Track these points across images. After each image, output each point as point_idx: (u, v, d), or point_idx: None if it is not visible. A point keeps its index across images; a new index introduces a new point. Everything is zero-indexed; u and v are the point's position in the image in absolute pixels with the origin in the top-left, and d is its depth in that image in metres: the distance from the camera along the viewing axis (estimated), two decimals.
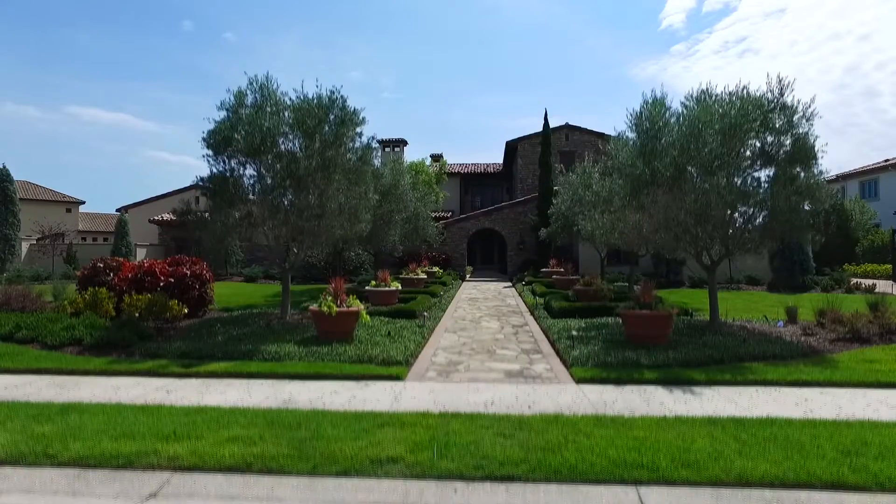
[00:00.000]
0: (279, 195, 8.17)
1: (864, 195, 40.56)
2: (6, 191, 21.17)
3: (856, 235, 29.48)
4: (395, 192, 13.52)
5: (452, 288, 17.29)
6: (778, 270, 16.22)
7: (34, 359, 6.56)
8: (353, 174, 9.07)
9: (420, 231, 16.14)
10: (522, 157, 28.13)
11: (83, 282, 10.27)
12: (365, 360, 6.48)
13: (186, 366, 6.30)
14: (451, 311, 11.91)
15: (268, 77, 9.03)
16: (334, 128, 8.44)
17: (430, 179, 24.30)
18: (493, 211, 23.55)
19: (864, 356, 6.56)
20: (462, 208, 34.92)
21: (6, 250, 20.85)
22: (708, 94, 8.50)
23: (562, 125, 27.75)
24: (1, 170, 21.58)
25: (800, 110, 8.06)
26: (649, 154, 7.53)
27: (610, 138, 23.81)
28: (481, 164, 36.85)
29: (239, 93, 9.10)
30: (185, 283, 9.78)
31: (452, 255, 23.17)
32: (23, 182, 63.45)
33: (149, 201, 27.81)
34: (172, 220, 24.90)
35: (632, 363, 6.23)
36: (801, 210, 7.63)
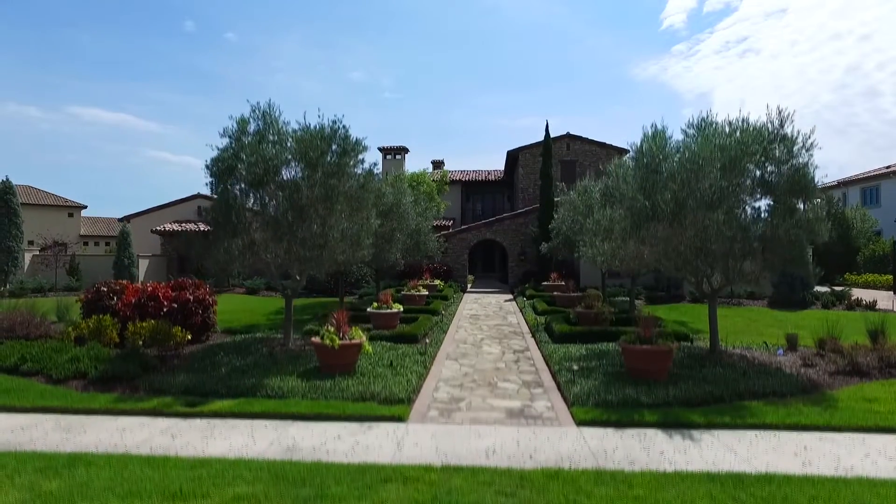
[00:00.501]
0: (282, 225, 8.22)
1: (865, 202, 40.59)
2: (9, 203, 21.25)
3: (857, 244, 29.51)
4: (397, 211, 13.59)
5: (454, 303, 17.34)
6: (779, 286, 16.25)
7: (40, 395, 6.62)
8: (356, 201, 9.14)
9: (422, 246, 16.20)
10: (524, 167, 28.18)
11: (87, 305, 10.33)
12: (367, 397, 6.54)
13: (191, 404, 6.35)
14: (452, 331, 11.96)
15: (270, 105, 9.11)
16: (336, 158, 8.49)
17: (431, 190, 24.37)
18: (494, 222, 23.60)
19: (863, 393, 6.60)
20: (463, 216, 35.00)
21: (9, 262, 20.93)
22: (708, 122, 8.57)
23: (563, 135, 27.80)
24: (4, 182, 21.68)
25: (799, 141, 8.14)
26: (650, 189, 7.58)
27: (610, 148, 23.82)
28: (482, 172, 36.90)
29: (242, 120, 9.17)
30: (188, 308, 9.84)
31: (454, 267, 23.22)
32: (24, 187, 63.70)
33: (151, 211, 27.91)
34: (174, 230, 25.02)
35: (632, 402, 6.28)
36: (801, 243, 7.68)
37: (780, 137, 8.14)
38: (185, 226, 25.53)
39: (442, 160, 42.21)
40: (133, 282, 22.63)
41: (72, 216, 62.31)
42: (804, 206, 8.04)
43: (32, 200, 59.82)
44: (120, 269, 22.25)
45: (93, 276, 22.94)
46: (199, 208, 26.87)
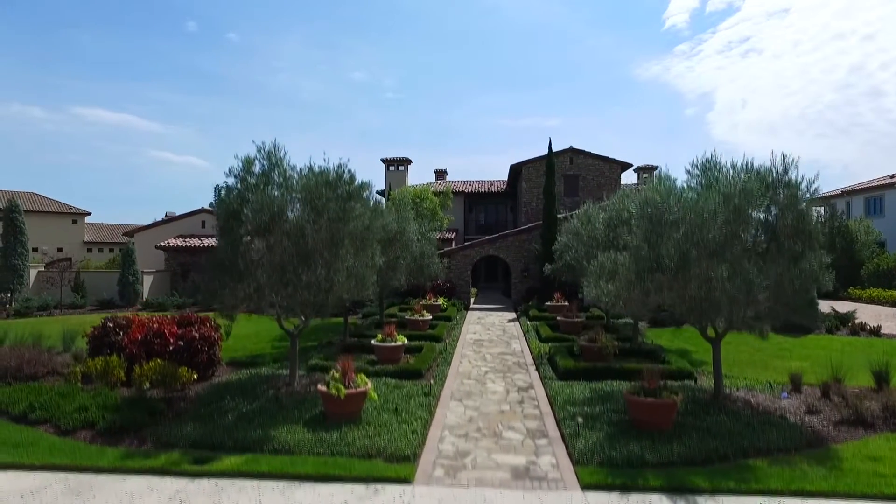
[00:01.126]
0: (288, 269, 8.26)
1: (869, 212, 40.53)
2: (15, 221, 21.38)
3: (861, 257, 29.43)
4: (400, 240, 13.63)
5: (457, 325, 17.38)
6: None
7: (48, 450, 6.68)
8: (360, 241, 9.20)
9: (425, 270, 16.24)
10: (527, 181, 28.21)
11: (93, 341, 10.41)
12: (373, 453, 6.58)
13: (199, 460, 6.40)
14: (455, 362, 12.00)
15: (275, 145, 9.20)
16: (342, 203, 8.55)
17: (434, 206, 24.42)
18: (497, 239, 23.63)
19: (868, 450, 6.61)
20: (466, 227, 35.08)
21: (15, 280, 21.06)
22: (713, 164, 8.62)
23: (566, 149, 27.83)
24: (10, 201, 21.81)
25: (803, 187, 8.17)
26: (654, 241, 7.61)
27: (613, 163, 23.73)
28: (485, 182, 36.97)
29: (247, 160, 9.24)
30: (194, 346, 9.90)
31: (457, 283, 23.25)
32: (29, 194, 64.16)
33: (155, 225, 28.03)
34: (179, 246, 25.11)
35: (637, 460, 6.31)
36: (806, 292, 7.69)
37: (783, 183, 8.18)
38: (190, 241, 25.63)
39: (445, 170, 42.34)
40: (137, 299, 22.76)
41: (76, 223, 62.73)
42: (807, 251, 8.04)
43: (37, 207, 60.24)
44: (124, 286, 22.37)
45: (97, 292, 23.08)
46: (202, 223, 26.98)
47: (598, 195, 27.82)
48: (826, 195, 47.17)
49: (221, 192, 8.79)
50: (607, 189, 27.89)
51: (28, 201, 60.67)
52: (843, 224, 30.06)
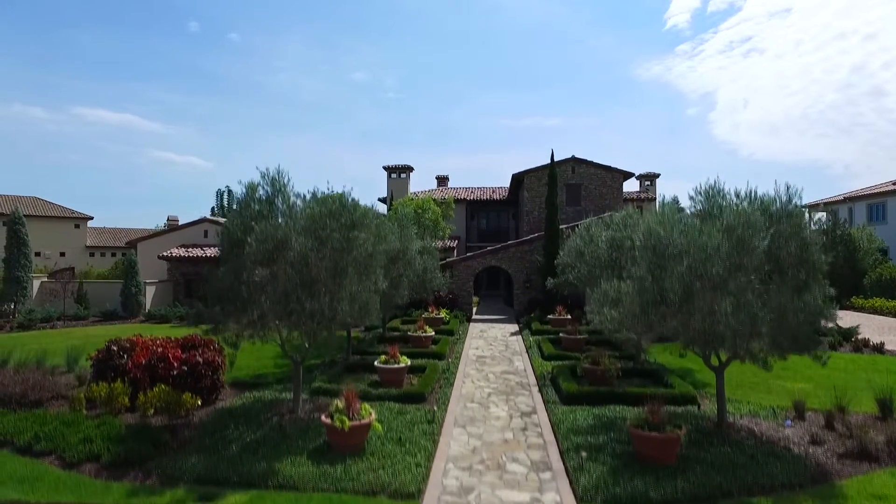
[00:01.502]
0: (291, 298, 8.28)
1: (871, 218, 40.47)
2: (18, 233, 21.43)
3: (863, 266, 29.38)
4: (403, 258, 13.65)
5: (459, 339, 17.39)
6: None
7: (54, 486, 6.70)
8: (364, 268, 9.21)
9: (428, 284, 16.26)
10: (529, 190, 28.22)
11: (98, 364, 10.42)
12: (378, 489, 6.59)
13: (204, 497, 6.42)
14: (458, 383, 12.00)
15: (279, 171, 9.23)
16: (345, 231, 8.57)
17: (436, 217, 24.44)
18: (499, 250, 23.63)
19: (873, 487, 6.60)
20: (468, 234, 35.09)
21: (19, 292, 21.11)
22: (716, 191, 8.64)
23: (568, 158, 27.84)
24: (13, 212, 21.88)
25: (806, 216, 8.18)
26: (658, 275, 7.61)
27: (615, 172, 23.59)
28: (487, 189, 36.99)
29: (251, 185, 9.29)
30: (198, 371, 9.92)
31: (459, 294, 23.26)
32: (31, 198, 64.25)
33: (157, 234, 28.07)
34: (181, 256, 25.16)
35: (641, 498, 6.31)
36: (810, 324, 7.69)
37: (787, 212, 8.19)
38: (192, 250, 25.67)
39: (446, 176, 42.36)
40: (140, 310, 22.80)
41: (78, 227, 62.82)
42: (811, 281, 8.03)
43: (39, 212, 60.33)
44: (127, 297, 22.41)
45: (100, 303, 23.13)
46: (205, 232, 27.01)
47: (601, 204, 27.87)
48: (828, 201, 47.06)
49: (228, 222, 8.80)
50: (610, 198, 27.93)
51: (30, 206, 60.83)
52: (845, 232, 29.99)
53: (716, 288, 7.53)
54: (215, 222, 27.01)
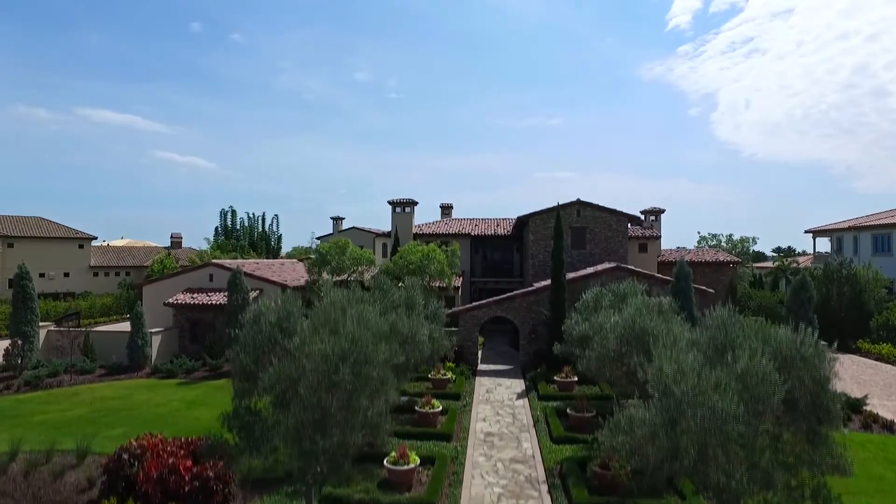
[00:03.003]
0: (304, 438, 8.28)
1: (876, 249, 40.40)
2: (25, 288, 21.49)
3: (870, 308, 29.25)
4: (412, 342, 13.66)
5: (467, 406, 17.38)
6: None
7: None
8: (376, 391, 9.22)
9: (436, 354, 16.26)
10: (533, 233, 28.22)
11: (109, 476, 10.42)
12: None
13: None
14: (467, 478, 12.00)
15: (288, 311, 9.27)
16: (358, 367, 8.58)
17: (442, 265, 24.44)
18: (504, 300, 23.61)
19: None
20: (472, 268, 35.11)
21: (25, 347, 21.16)
22: (729, 341, 8.65)
23: (573, 201, 27.85)
24: (20, 267, 21.94)
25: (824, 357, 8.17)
26: (671, 430, 7.59)
27: (620, 215, 23.42)
28: (491, 223, 37.06)
29: (256, 317, 9.32)
30: (209, 486, 9.92)
31: (465, 345, 23.25)
32: (36, 219, 64.53)
33: (163, 278, 28.09)
34: (187, 303, 25.19)
35: None
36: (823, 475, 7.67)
37: (801, 356, 8.18)
38: (198, 296, 25.70)
39: (450, 204, 42.46)
40: (146, 362, 22.82)
41: (82, 248, 63.16)
42: (826, 425, 8.00)
43: (43, 233, 60.69)
44: (133, 350, 22.46)
45: (106, 355, 23.17)
46: (210, 276, 27.04)
47: (607, 247, 27.86)
48: (833, 227, 46.92)
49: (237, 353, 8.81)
50: (615, 241, 27.91)
51: (34, 226, 61.06)
52: (851, 273, 29.82)
53: (730, 441, 7.50)
54: (220, 266, 27.04)
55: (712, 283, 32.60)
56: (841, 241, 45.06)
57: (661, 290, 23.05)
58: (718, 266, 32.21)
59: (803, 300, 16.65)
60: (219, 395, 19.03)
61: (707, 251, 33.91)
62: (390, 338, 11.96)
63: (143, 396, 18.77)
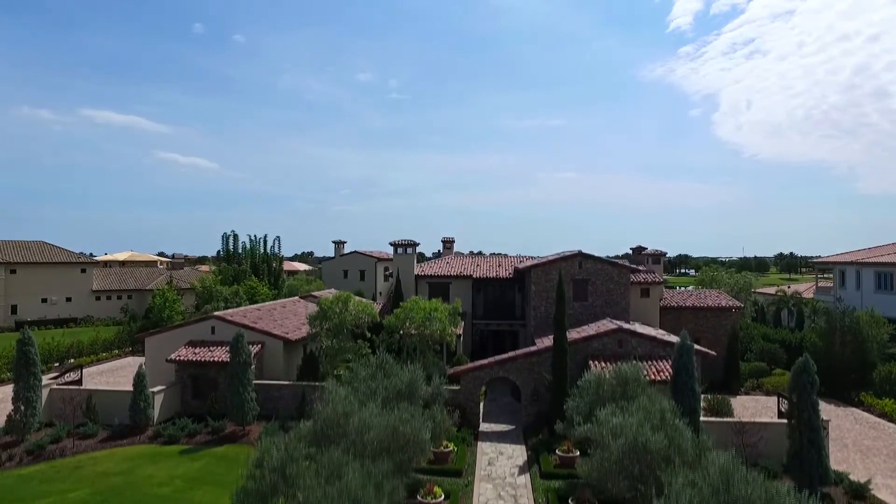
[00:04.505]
0: None
1: (879, 286, 40.36)
2: (28, 354, 21.51)
3: (872, 358, 29.14)
4: (414, 442, 13.70)
5: (468, 486, 17.36)
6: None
7: None
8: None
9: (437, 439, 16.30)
10: (535, 284, 28.22)
11: None
12: None
13: None
14: None
15: (292, 455, 9.28)
16: None
17: (444, 324, 24.46)
18: (507, 361, 23.61)
19: None
20: (474, 309, 35.16)
21: (28, 413, 21.19)
22: None
23: (575, 253, 27.87)
24: (23, 332, 21.97)
25: None
26: None
27: (622, 268, 23.25)
28: (493, 262, 37.12)
29: (265, 448, 9.34)
30: None
31: (466, 405, 23.25)
32: (39, 243, 64.83)
33: (165, 330, 28.12)
34: (189, 360, 25.24)
35: None
36: None
37: None
38: (200, 351, 25.74)
39: (452, 238, 42.50)
40: (148, 423, 22.83)
41: (84, 272, 63.50)
42: None
43: (46, 259, 61.00)
44: (136, 412, 22.50)
45: (109, 416, 23.19)
46: (213, 329, 27.08)
47: (608, 299, 27.86)
48: (837, 260, 46.80)
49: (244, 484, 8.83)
50: (617, 293, 27.90)
51: (37, 252, 61.26)
52: (853, 321, 29.67)
53: None
54: (222, 319, 27.08)
55: (714, 328, 32.55)
56: (844, 275, 44.96)
57: (662, 351, 23.07)
58: (720, 311, 32.17)
59: (805, 383, 16.59)
60: (221, 469, 19.06)
61: (709, 295, 33.88)
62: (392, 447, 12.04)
63: (145, 471, 18.78)
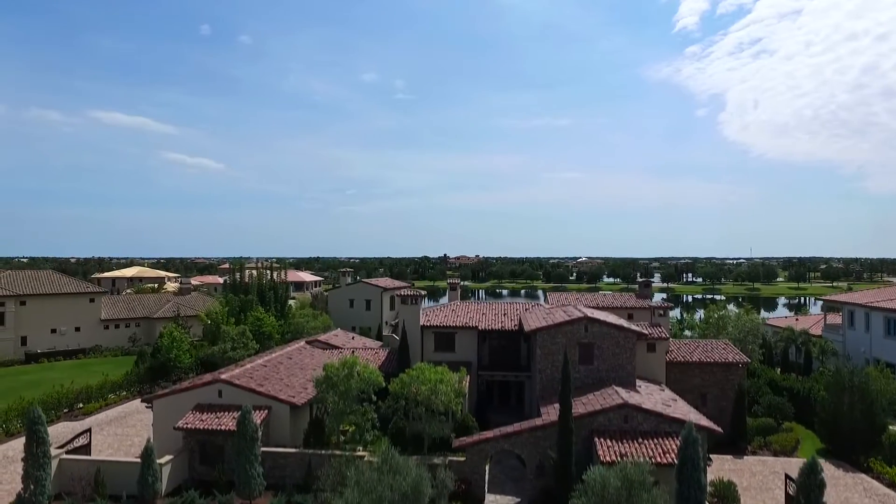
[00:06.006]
0: None
1: (888, 332, 40.08)
2: (38, 433, 21.72)
3: (882, 420, 28.85)
4: None
5: None
6: None
7: None
8: None
9: None
10: (541, 348, 28.22)
11: None
12: None
13: None
14: None
15: None
16: None
17: (449, 397, 24.53)
18: (512, 434, 23.62)
19: None
20: (479, 359, 35.19)
21: (38, 492, 21.41)
22: None
23: (581, 317, 27.84)
24: (33, 410, 22.20)
25: None
26: None
27: (628, 332, 23.24)
28: (499, 311, 37.16)
29: None
30: None
31: (472, 478, 23.28)
32: (49, 272, 65.44)
33: (172, 393, 28.28)
34: (196, 428, 25.44)
35: None
36: None
37: None
38: (206, 418, 25.93)
39: (458, 282, 42.61)
40: (156, 496, 23.03)
41: (93, 301, 64.05)
42: None
43: (55, 289, 61.67)
44: (143, 486, 22.69)
45: (117, 486, 23.42)
46: (220, 392, 27.28)
47: (614, 363, 27.83)
48: (846, 301, 46.49)
49: None
50: (623, 357, 27.85)
51: (46, 282, 61.89)
52: (862, 381, 29.33)
53: None
54: (229, 383, 27.27)
55: (721, 382, 32.39)
56: (853, 316, 44.61)
57: (669, 427, 23.00)
58: (727, 367, 32.06)
59: (812, 485, 16.55)
60: None
61: (716, 348, 33.73)
62: None
63: None
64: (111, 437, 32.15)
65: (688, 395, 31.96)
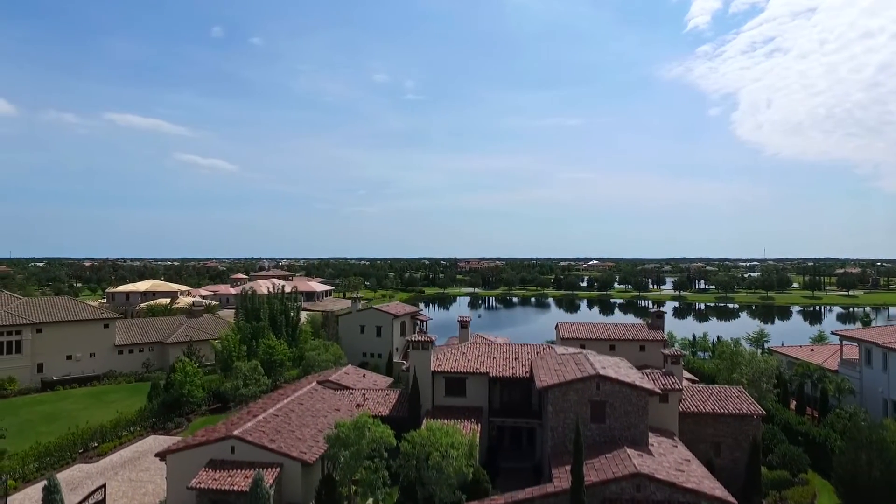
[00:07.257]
0: None
1: None
2: (53, 501, 22.03)
3: None
4: None
5: None
6: None
7: None
8: None
9: None
10: (553, 404, 28.08)
11: None
12: None
13: None
14: None
15: None
16: None
17: (461, 463, 24.47)
18: (522, 502, 23.50)
19: None
20: (490, 405, 35.10)
21: None
22: None
23: (592, 375, 27.66)
24: (49, 480, 22.52)
25: None
26: None
27: (640, 390, 22.95)
28: (510, 356, 37.06)
29: None
30: None
31: None
32: (64, 298, 66.34)
33: (186, 448, 28.52)
34: (209, 488, 25.60)
35: None
36: None
37: None
38: (219, 476, 26.10)
39: (468, 319, 42.61)
40: None
41: (107, 327, 64.77)
42: None
43: (71, 316, 62.44)
44: None
45: None
46: (232, 448, 27.45)
47: (626, 422, 27.60)
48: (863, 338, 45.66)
49: None
50: (635, 416, 27.61)
51: (62, 309, 62.69)
52: (880, 438, 28.75)
53: None
54: (241, 439, 27.42)
55: (734, 433, 32.03)
56: (870, 354, 43.86)
57: (682, 497, 22.76)
58: (741, 419, 31.70)
59: None
60: None
61: (729, 397, 33.35)
62: None
63: None
64: (125, 485, 32.40)
65: (701, 445, 31.69)
